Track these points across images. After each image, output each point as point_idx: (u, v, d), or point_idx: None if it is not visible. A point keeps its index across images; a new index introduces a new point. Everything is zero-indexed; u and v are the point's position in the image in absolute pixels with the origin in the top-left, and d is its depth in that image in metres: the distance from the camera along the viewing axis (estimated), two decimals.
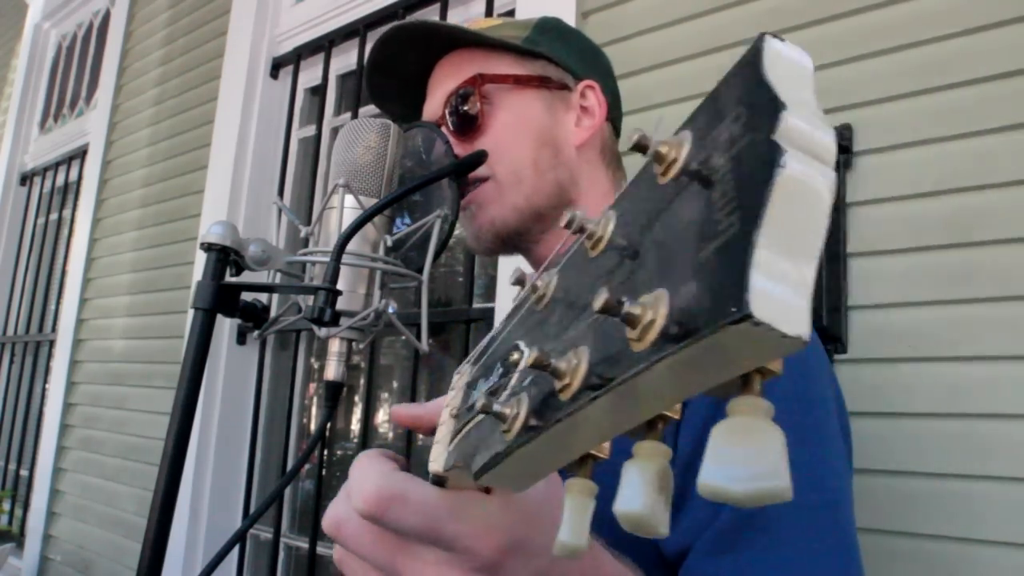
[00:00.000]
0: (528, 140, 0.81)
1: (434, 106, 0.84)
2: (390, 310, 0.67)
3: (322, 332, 0.66)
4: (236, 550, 2.00)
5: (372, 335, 0.69)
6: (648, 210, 0.23)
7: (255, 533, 2.10)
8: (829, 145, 0.18)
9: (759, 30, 0.99)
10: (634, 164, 1.13)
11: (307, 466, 2.04)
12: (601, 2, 1.43)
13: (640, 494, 0.21)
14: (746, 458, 0.18)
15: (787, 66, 0.19)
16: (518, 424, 0.25)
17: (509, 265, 1.37)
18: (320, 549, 1.83)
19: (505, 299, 1.45)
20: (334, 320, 0.60)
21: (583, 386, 0.22)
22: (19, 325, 3.49)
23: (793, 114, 0.18)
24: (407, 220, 0.76)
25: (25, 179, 3.69)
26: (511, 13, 1.59)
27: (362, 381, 1.93)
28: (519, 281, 0.31)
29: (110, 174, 2.89)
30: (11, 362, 3.54)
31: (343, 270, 0.63)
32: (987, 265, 0.96)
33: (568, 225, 0.26)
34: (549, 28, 0.87)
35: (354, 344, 0.67)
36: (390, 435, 1.97)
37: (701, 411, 0.61)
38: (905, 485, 0.98)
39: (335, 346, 0.66)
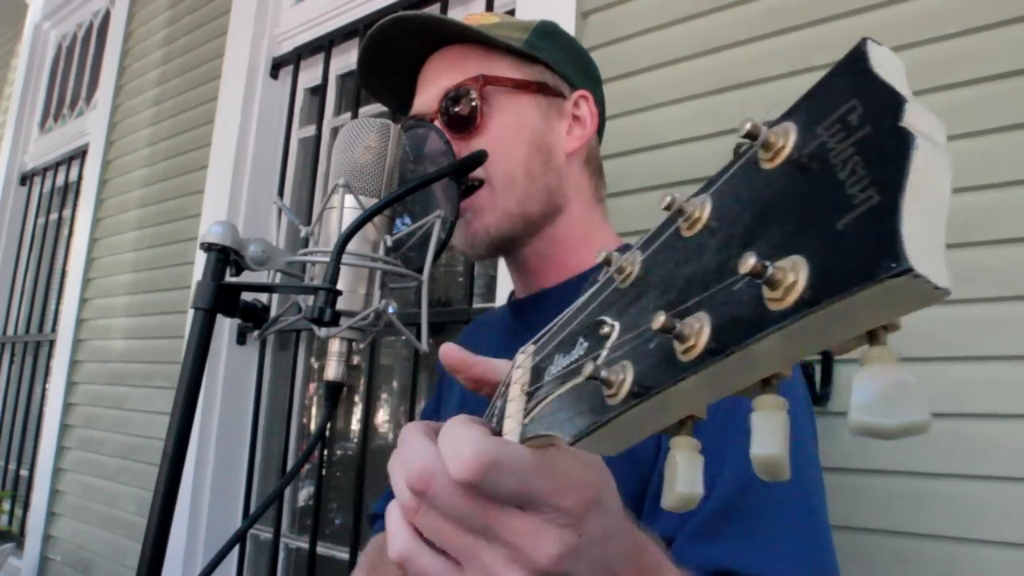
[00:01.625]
0: (523, 145, 0.82)
1: (428, 99, 0.84)
2: (390, 310, 0.67)
3: (322, 332, 0.66)
4: (236, 550, 2.00)
5: (372, 335, 0.69)
6: (753, 192, 0.25)
7: (255, 533, 2.10)
8: (943, 132, 0.21)
9: (759, 30, 0.99)
10: (617, 167, 1.11)
11: (307, 466, 2.04)
12: (601, 2, 1.43)
13: (773, 439, 0.23)
14: (891, 398, 0.20)
15: (891, 66, 0.22)
16: (624, 389, 0.27)
17: None
18: (320, 549, 1.83)
19: (504, 299, 1.45)
20: (334, 320, 0.60)
21: (707, 348, 0.24)
22: (19, 325, 3.49)
23: (913, 106, 0.21)
24: (407, 220, 0.76)
25: (25, 179, 3.69)
26: (511, 13, 1.59)
27: (362, 381, 1.93)
28: (607, 261, 0.33)
29: (110, 174, 2.89)
30: (11, 362, 3.54)
31: (343, 270, 0.63)
32: (987, 265, 0.96)
33: (668, 207, 0.28)
34: (548, 33, 0.88)
35: (354, 344, 0.67)
36: (390, 435, 1.97)
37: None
38: (904, 485, 0.98)
39: (335, 346, 0.66)
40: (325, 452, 1.95)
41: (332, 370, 0.66)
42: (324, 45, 2.09)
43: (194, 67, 2.57)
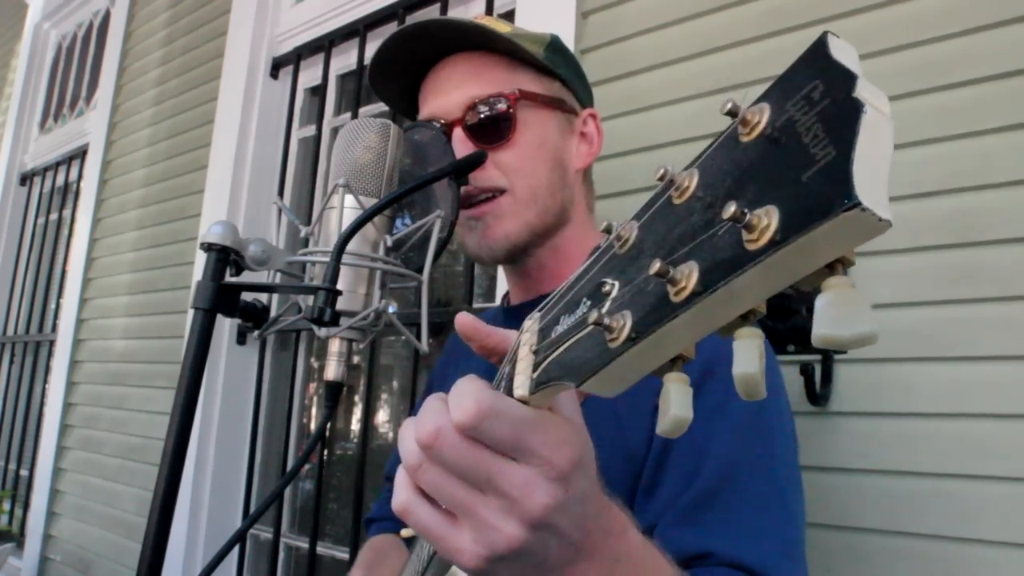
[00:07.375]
0: (546, 160, 0.85)
1: (449, 104, 0.84)
2: (390, 310, 0.67)
3: (322, 332, 0.66)
4: (236, 550, 2.00)
5: (372, 335, 0.69)
6: (733, 163, 0.29)
7: (255, 533, 2.10)
8: (886, 102, 0.26)
9: (759, 30, 0.99)
10: (614, 166, 1.11)
11: (307, 466, 2.04)
12: (601, 2, 1.43)
13: (753, 360, 0.28)
14: (847, 314, 0.25)
15: (846, 52, 0.27)
16: (624, 332, 0.31)
17: None
18: (320, 549, 1.83)
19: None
20: (334, 320, 0.60)
21: (695, 290, 0.28)
22: (19, 325, 3.49)
23: (863, 81, 0.25)
24: (407, 220, 0.76)
25: (25, 179, 3.69)
26: (511, 13, 1.59)
27: (362, 381, 1.93)
28: (607, 229, 0.37)
29: (110, 174, 2.89)
30: (11, 362, 3.53)
31: (343, 270, 0.63)
32: (987, 265, 0.96)
33: (661, 178, 0.32)
34: (559, 49, 0.91)
35: (354, 344, 0.67)
36: (390, 435, 1.97)
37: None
38: (904, 485, 0.98)
39: (335, 346, 0.66)
40: (325, 452, 1.95)
41: (332, 370, 0.66)
42: (324, 45, 2.09)
43: (194, 67, 2.57)
